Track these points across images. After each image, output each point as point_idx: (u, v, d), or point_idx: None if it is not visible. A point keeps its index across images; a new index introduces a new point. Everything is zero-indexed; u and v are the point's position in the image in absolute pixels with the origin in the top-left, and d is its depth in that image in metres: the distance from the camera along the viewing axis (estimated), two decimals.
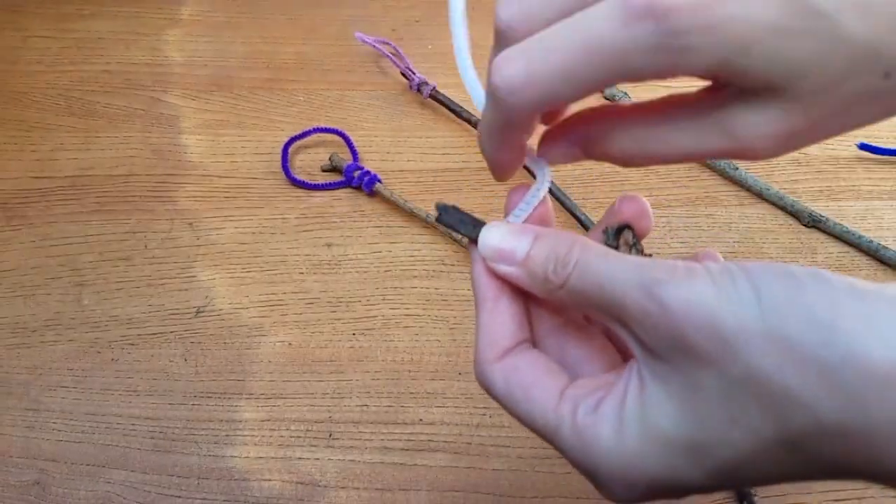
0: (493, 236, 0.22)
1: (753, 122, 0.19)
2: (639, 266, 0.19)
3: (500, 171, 0.24)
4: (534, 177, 0.25)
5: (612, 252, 0.20)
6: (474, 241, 0.23)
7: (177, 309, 0.43)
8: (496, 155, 0.23)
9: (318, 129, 0.51)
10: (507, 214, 0.24)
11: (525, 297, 0.23)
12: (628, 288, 0.19)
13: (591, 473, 0.20)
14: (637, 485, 0.19)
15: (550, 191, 0.47)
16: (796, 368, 0.16)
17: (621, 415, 0.19)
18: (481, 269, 0.23)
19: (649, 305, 0.18)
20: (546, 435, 0.20)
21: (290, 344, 0.42)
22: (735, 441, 0.17)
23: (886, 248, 0.46)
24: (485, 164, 0.24)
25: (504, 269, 0.22)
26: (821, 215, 0.47)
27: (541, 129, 0.25)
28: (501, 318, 0.22)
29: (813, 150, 0.52)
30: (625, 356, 0.23)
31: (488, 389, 0.22)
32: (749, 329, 0.17)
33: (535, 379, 0.21)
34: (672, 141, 0.21)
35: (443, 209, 0.24)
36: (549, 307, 0.24)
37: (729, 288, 0.17)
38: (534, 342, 0.23)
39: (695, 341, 0.17)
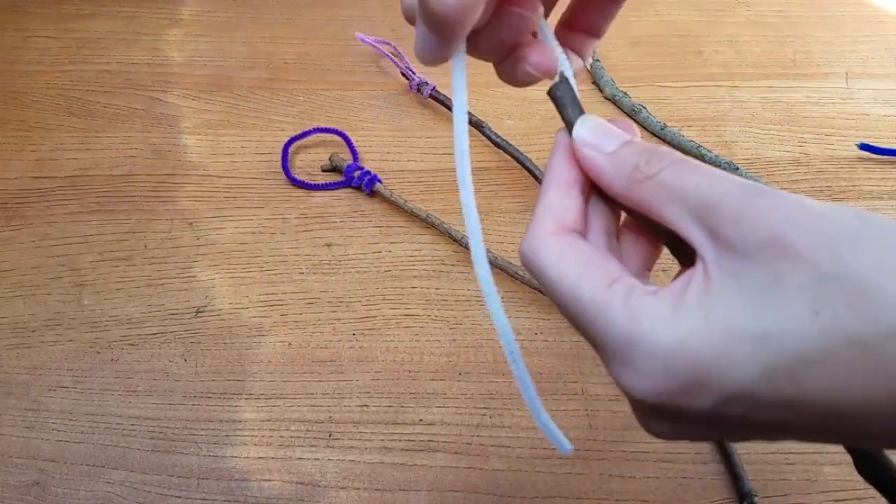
0: (587, 126, 0.22)
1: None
2: (737, 178, 0.19)
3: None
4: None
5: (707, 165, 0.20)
6: (570, 126, 0.23)
7: (177, 309, 0.43)
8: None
9: (318, 129, 0.51)
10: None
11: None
12: (729, 186, 0.19)
13: (627, 351, 0.19)
14: (677, 370, 0.18)
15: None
16: (892, 272, 0.16)
17: (682, 301, 0.18)
18: (564, 155, 0.23)
19: (744, 197, 0.18)
20: (591, 311, 0.19)
21: (290, 344, 0.42)
22: (812, 333, 0.17)
23: None
24: (485, 164, 0.24)
25: (592, 154, 0.22)
26: None
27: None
28: (571, 201, 0.22)
29: (813, 149, 0.52)
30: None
31: (535, 261, 0.21)
32: (852, 230, 0.17)
33: (594, 258, 0.21)
34: None
35: (560, 83, 0.24)
36: (612, 214, 0.23)
37: (832, 205, 0.18)
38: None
39: (793, 238, 0.17)
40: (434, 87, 0.52)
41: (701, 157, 0.50)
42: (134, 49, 0.57)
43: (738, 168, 0.49)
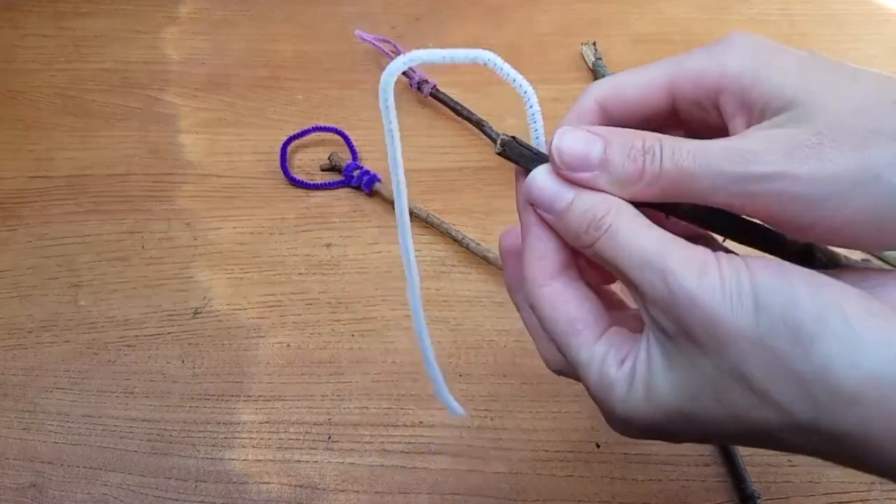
0: (539, 178, 0.23)
1: (765, 133, 0.21)
2: (661, 248, 0.20)
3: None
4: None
5: (645, 224, 0.21)
6: (525, 173, 0.23)
7: (174, 310, 0.43)
8: None
9: (317, 127, 0.50)
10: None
11: None
12: (645, 269, 0.20)
13: (605, 412, 0.23)
14: (640, 428, 0.22)
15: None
16: (777, 376, 0.19)
17: (632, 379, 0.22)
18: (526, 201, 0.24)
19: (661, 291, 0.20)
20: (575, 365, 0.23)
21: (288, 345, 0.42)
22: (719, 418, 0.20)
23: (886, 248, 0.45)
24: (485, 164, 0.25)
25: (546, 216, 0.23)
26: None
27: None
28: (549, 243, 0.23)
29: None
30: None
31: (534, 310, 0.24)
32: (743, 334, 0.19)
33: (581, 315, 0.23)
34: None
35: (508, 143, 0.24)
36: None
37: (733, 292, 0.19)
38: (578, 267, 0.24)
39: (696, 332, 0.19)
40: (434, 86, 0.52)
41: None
42: (131, 47, 0.57)
43: None
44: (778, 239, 0.23)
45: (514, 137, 0.24)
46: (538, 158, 0.23)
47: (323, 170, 0.49)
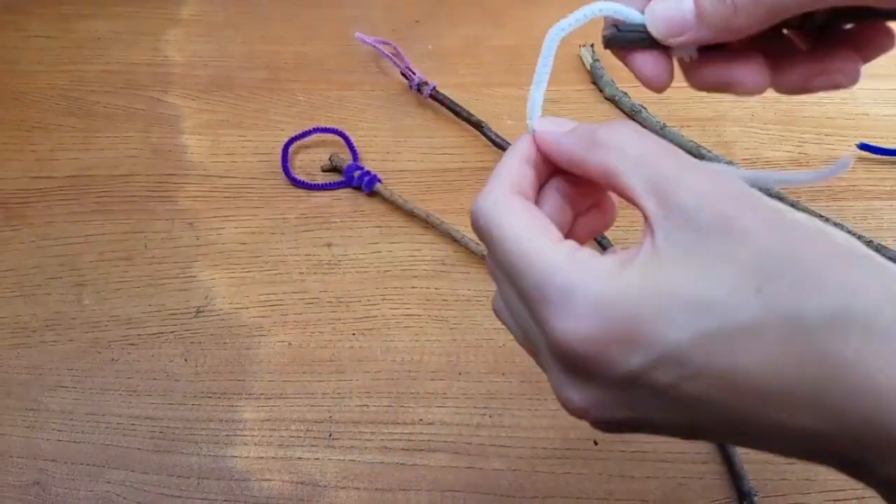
0: (545, 121, 0.24)
1: None
2: (689, 157, 0.20)
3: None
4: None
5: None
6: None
7: (177, 309, 0.43)
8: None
9: (318, 128, 0.51)
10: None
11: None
12: (686, 160, 0.20)
13: (566, 293, 0.19)
14: (612, 318, 0.18)
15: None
16: (841, 261, 0.17)
17: (629, 262, 0.19)
18: (526, 139, 0.23)
19: (722, 180, 0.19)
20: (534, 260, 0.20)
21: (290, 344, 0.42)
22: (753, 308, 0.17)
23: (887, 247, 0.46)
24: (485, 164, 0.25)
25: (550, 128, 0.23)
26: (821, 215, 0.47)
27: None
28: (527, 171, 0.23)
29: (813, 149, 0.52)
30: None
31: (487, 215, 0.21)
32: (806, 223, 0.18)
33: (545, 220, 0.21)
34: None
35: (612, 36, 0.24)
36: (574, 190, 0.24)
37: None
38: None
39: (746, 220, 0.18)
40: (434, 87, 0.52)
41: (700, 157, 0.50)
42: (134, 49, 0.57)
43: (738, 168, 0.49)
44: None
45: (615, 27, 0.24)
46: (641, 34, 0.24)
47: (324, 170, 0.50)
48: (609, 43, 0.24)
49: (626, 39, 0.24)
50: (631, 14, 0.24)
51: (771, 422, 0.18)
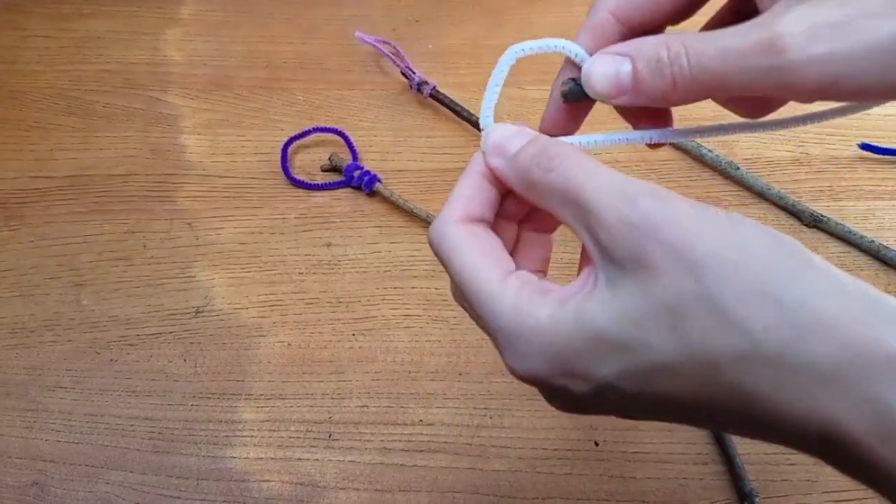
0: (496, 132, 0.24)
1: (789, 15, 0.20)
2: (622, 178, 0.20)
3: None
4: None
5: (599, 162, 0.21)
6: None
7: (176, 309, 0.43)
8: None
9: (317, 128, 0.50)
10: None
11: (502, 197, 0.24)
12: (606, 194, 0.20)
13: (512, 340, 0.21)
14: (550, 359, 0.20)
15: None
16: (753, 300, 0.18)
17: (564, 304, 0.20)
18: (480, 156, 0.24)
19: (627, 213, 0.19)
20: (484, 300, 0.21)
21: (289, 344, 0.42)
22: (668, 348, 0.18)
23: (888, 248, 0.46)
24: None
25: (495, 161, 0.23)
26: (822, 215, 0.47)
27: None
28: (479, 192, 0.24)
29: (814, 149, 0.52)
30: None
31: (438, 246, 0.23)
32: (718, 256, 0.18)
33: (493, 250, 0.22)
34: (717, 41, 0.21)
35: (571, 89, 0.24)
36: (511, 225, 0.25)
37: (707, 213, 0.19)
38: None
39: (659, 255, 0.18)
40: (434, 87, 0.52)
41: (701, 157, 0.50)
42: (133, 48, 0.57)
43: (738, 168, 0.49)
44: None
45: (572, 80, 0.24)
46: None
47: (323, 170, 0.50)
48: (567, 97, 0.24)
49: (582, 93, 0.24)
50: (586, 58, 0.24)
51: (714, 426, 0.21)
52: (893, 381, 0.16)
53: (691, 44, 0.21)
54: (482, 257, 0.22)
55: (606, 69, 0.22)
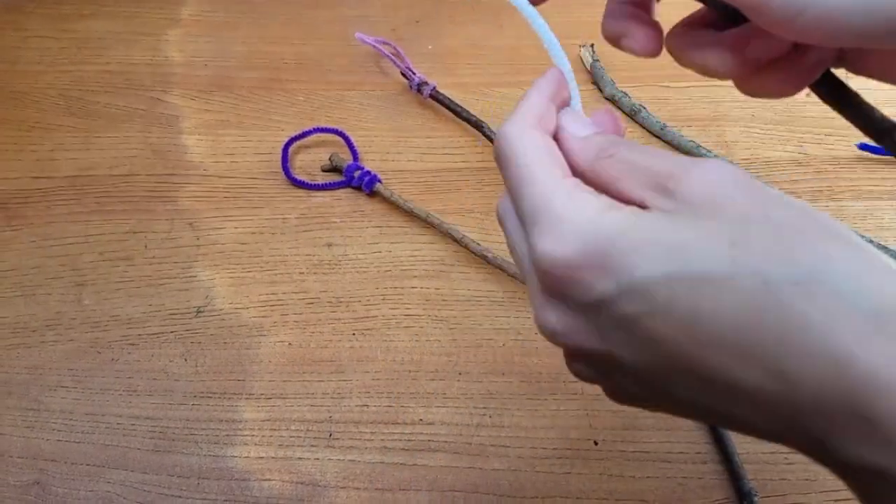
0: (566, 118, 0.25)
1: None
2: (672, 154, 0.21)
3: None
4: None
5: None
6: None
7: (177, 309, 0.43)
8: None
9: (318, 129, 0.51)
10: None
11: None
12: (675, 158, 0.21)
13: (557, 218, 0.21)
14: (590, 243, 0.20)
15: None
16: (822, 237, 0.18)
17: (620, 207, 0.21)
18: (554, 78, 0.25)
19: (693, 166, 0.20)
20: (540, 186, 0.22)
21: (290, 344, 0.42)
22: (723, 257, 0.18)
23: (887, 248, 0.46)
24: (485, 164, 0.25)
25: (566, 135, 0.24)
26: None
27: None
28: (551, 111, 0.24)
29: (813, 150, 0.52)
30: None
31: (515, 143, 0.23)
32: (786, 203, 0.19)
33: (561, 157, 0.23)
34: None
35: None
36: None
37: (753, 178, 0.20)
38: None
39: (731, 195, 0.19)
40: (434, 87, 0.52)
41: (700, 157, 0.50)
42: (134, 49, 0.57)
43: None
44: (868, 113, 0.25)
45: None
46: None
47: (324, 170, 0.50)
48: None
49: None
50: None
51: (728, 379, 0.19)
52: None
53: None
54: (550, 154, 0.23)
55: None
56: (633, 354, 0.20)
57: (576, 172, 0.23)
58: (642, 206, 0.21)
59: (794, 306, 0.17)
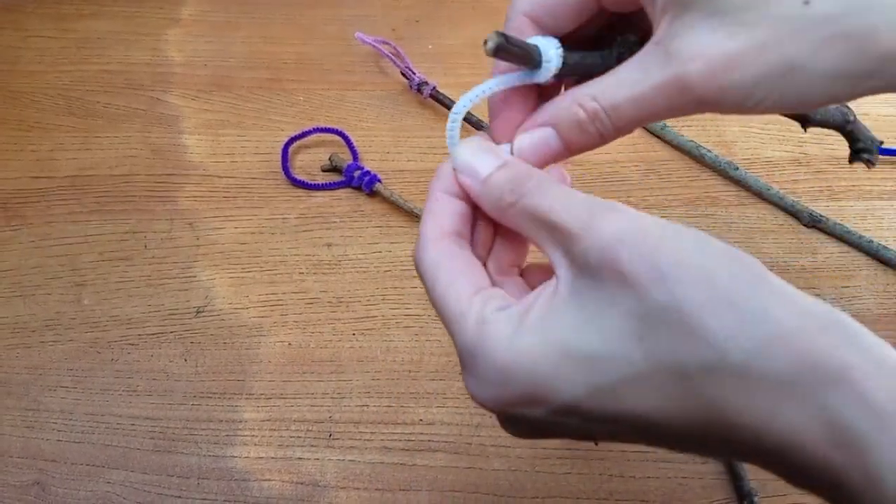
0: (466, 151, 0.24)
1: (690, 40, 0.20)
2: (592, 198, 0.21)
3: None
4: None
5: (568, 188, 0.22)
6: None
7: (177, 309, 0.43)
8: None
9: (317, 128, 0.51)
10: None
11: (473, 211, 0.25)
12: (578, 212, 0.20)
13: (472, 361, 0.21)
14: (510, 383, 0.20)
15: None
16: (719, 310, 0.18)
17: (525, 318, 0.20)
18: (449, 169, 0.24)
19: (594, 222, 0.20)
20: (452, 319, 0.21)
21: (290, 344, 0.42)
22: (635, 358, 0.19)
23: (887, 248, 0.46)
24: None
25: (467, 181, 0.23)
26: (821, 215, 0.47)
27: None
28: (451, 208, 0.24)
29: (813, 149, 0.52)
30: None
31: (418, 267, 0.23)
32: (685, 266, 0.18)
33: (465, 269, 0.23)
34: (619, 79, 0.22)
35: (500, 42, 0.23)
36: (488, 226, 0.25)
37: (674, 227, 0.19)
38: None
39: (628, 264, 0.19)
40: (434, 87, 0.52)
41: (701, 157, 0.50)
42: (134, 49, 0.57)
43: (737, 168, 0.49)
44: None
45: (502, 34, 0.23)
46: (527, 56, 0.23)
47: (324, 170, 0.50)
48: (496, 51, 0.23)
49: (511, 52, 0.23)
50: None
51: (667, 445, 0.20)
52: (842, 393, 0.17)
53: (601, 96, 0.22)
54: (454, 275, 0.22)
55: (535, 143, 0.24)
56: (582, 435, 0.21)
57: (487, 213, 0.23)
58: (551, 263, 0.21)
59: (707, 393, 0.18)
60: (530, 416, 0.20)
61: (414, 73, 0.53)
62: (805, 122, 0.41)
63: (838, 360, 0.17)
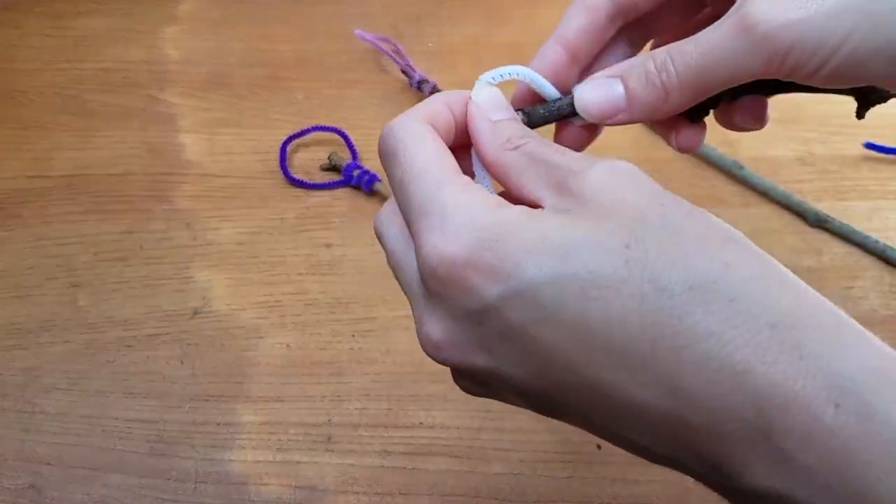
0: (489, 95, 0.24)
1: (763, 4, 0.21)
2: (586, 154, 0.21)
3: None
4: None
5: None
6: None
7: (173, 310, 0.43)
8: None
9: (316, 127, 0.50)
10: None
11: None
12: (576, 156, 0.21)
13: (444, 214, 0.19)
14: (480, 241, 0.19)
15: None
16: (714, 239, 0.19)
17: (510, 205, 0.20)
18: (448, 94, 0.24)
19: (595, 163, 0.20)
20: (430, 179, 0.20)
21: (288, 346, 0.42)
22: (616, 260, 0.18)
23: (893, 247, 0.45)
24: None
25: (478, 112, 0.23)
26: (827, 215, 0.47)
27: None
28: (445, 113, 0.23)
29: (818, 149, 0.51)
30: None
31: (396, 135, 0.22)
32: (683, 205, 0.20)
33: (449, 154, 0.22)
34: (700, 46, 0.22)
35: (530, 112, 0.25)
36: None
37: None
38: None
39: (632, 192, 0.19)
40: (435, 85, 0.52)
41: (706, 157, 0.50)
42: (131, 47, 0.57)
43: (743, 168, 0.49)
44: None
45: (532, 107, 0.25)
46: (562, 112, 0.25)
47: (323, 169, 0.49)
48: (530, 121, 0.25)
49: (537, 121, 0.25)
50: (547, 88, 0.25)
51: (617, 394, 0.18)
52: (819, 333, 0.17)
53: (673, 48, 0.22)
54: (442, 151, 0.21)
55: (598, 92, 0.23)
56: (520, 370, 0.19)
57: (481, 155, 0.23)
58: (537, 206, 0.20)
59: (688, 314, 0.17)
60: (478, 296, 0.19)
61: (414, 71, 0.52)
62: (869, 101, 0.31)
63: (832, 312, 0.18)
